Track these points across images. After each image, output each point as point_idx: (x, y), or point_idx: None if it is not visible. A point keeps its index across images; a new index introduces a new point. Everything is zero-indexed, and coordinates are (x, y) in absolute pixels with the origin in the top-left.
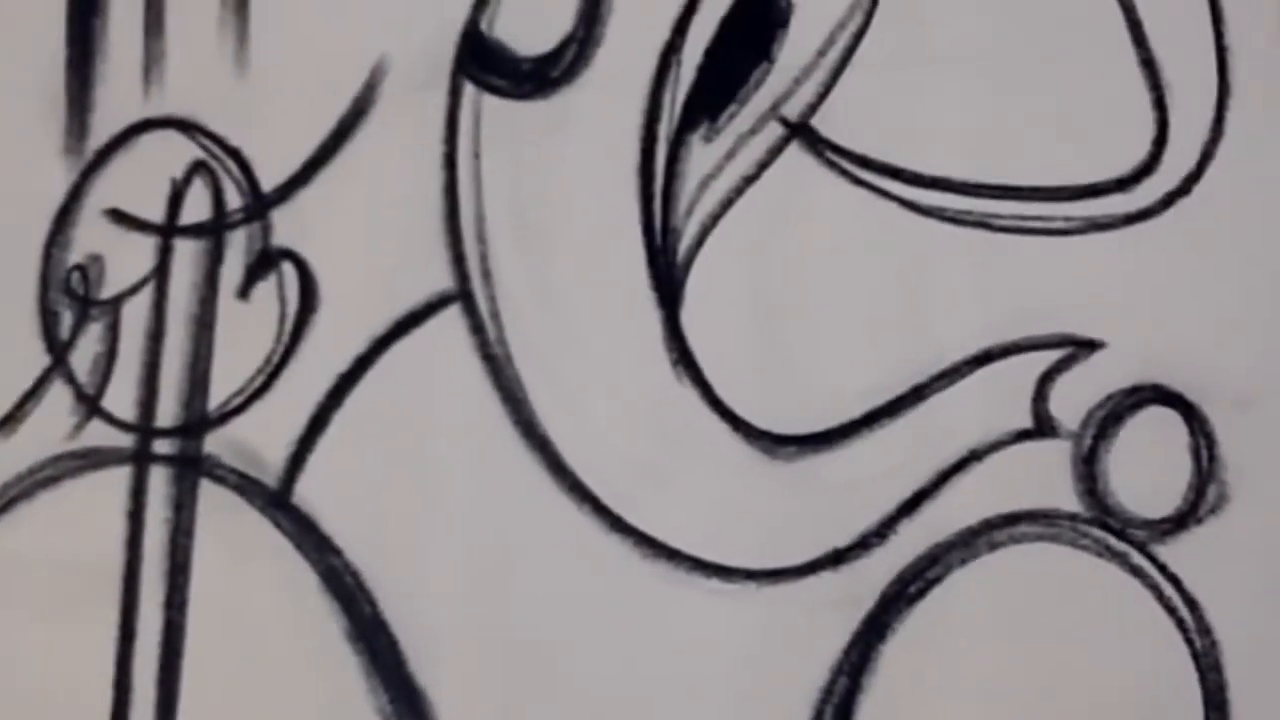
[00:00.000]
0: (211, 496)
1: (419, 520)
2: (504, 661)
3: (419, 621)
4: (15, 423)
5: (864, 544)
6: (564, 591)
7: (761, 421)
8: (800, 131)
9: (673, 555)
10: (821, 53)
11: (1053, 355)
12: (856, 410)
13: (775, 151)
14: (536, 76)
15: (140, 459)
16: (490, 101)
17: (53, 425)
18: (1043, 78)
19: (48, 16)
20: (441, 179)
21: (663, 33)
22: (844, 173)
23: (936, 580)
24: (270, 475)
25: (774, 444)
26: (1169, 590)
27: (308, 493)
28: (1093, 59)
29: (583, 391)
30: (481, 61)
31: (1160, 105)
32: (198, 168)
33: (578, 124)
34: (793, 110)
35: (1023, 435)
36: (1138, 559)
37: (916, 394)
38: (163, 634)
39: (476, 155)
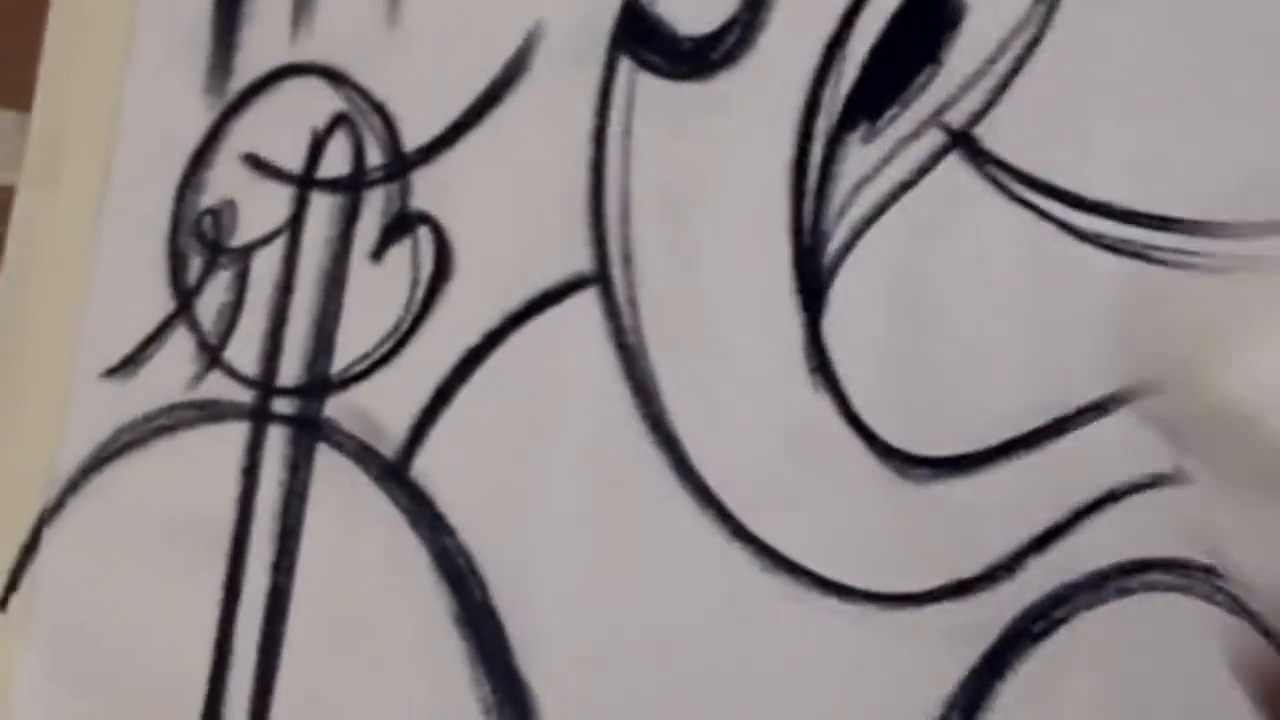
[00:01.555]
0: (328, 461)
1: (537, 506)
2: (611, 659)
3: (528, 611)
4: (136, 366)
5: (990, 576)
6: (678, 594)
7: (896, 439)
8: (962, 141)
9: (792, 569)
10: (992, 60)
11: None
12: (995, 437)
13: (935, 159)
14: (695, 57)
15: (259, 416)
16: (646, 79)
17: (173, 372)
18: (1221, 106)
19: None
20: (589, 155)
21: (829, 24)
22: (1003, 188)
23: (1061, 621)
24: (389, 446)
25: (907, 464)
26: None
27: (426, 467)
28: (1276, 90)
29: (715, 390)
30: (640, 37)
31: None
32: (340, 119)
33: (734, 111)
34: (956, 118)
35: (1162, 480)
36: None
37: (1058, 426)
38: (268, 597)
39: (627, 133)
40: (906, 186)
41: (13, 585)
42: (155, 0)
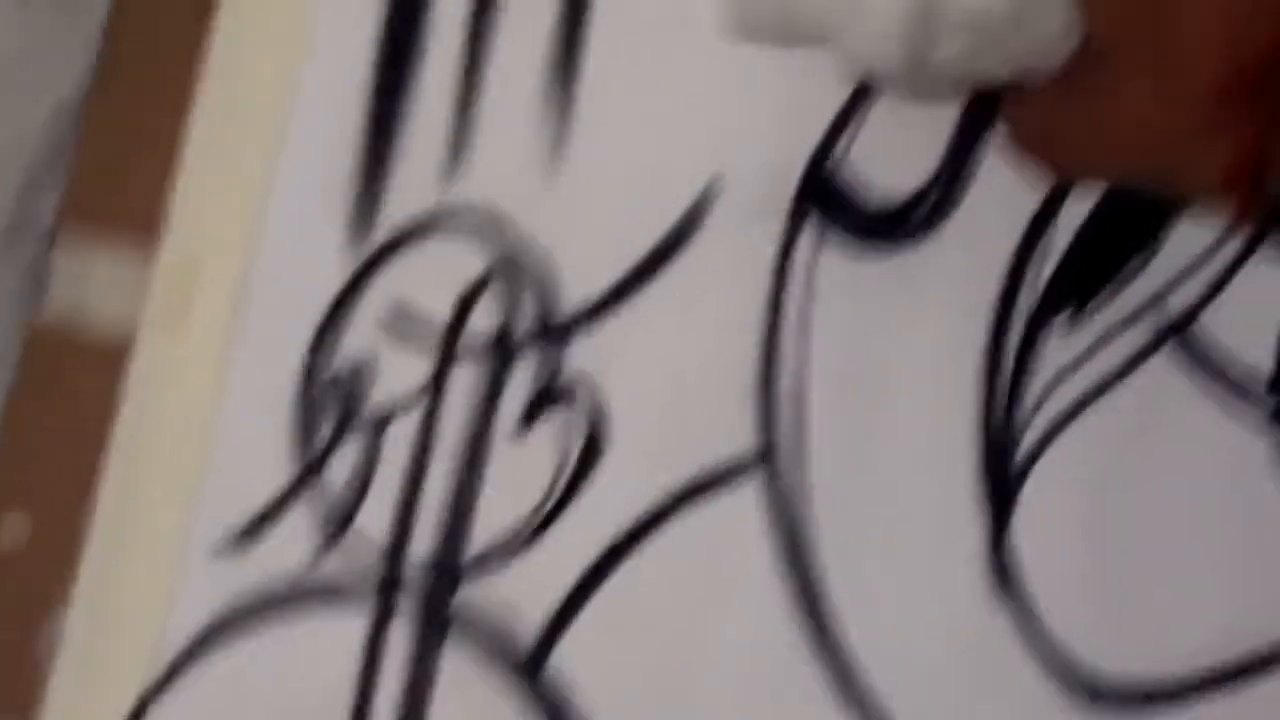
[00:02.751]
0: (456, 654)
1: (685, 717)
2: None
3: None
4: (253, 538)
5: None
6: None
7: (1082, 665)
8: (1177, 336)
9: None
10: (1217, 246)
11: None
12: (1194, 669)
13: (1145, 354)
14: (887, 225)
15: (384, 600)
16: (830, 246)
17: (294, 547)
18: None
19: (352, 74)
20: (764, 327)
21: (1036, 195)
22: (1218, 394)
23: None
24: (524, 641)
25: (1094, 694)
26: None
27: (563, 667)
28: None
29: (886, 595)
30: (827, 199)
31: None
32: (493, 273)
33: (925, 286)
34: (1172, 309)
35: None
36: None
37: (1264, 663)
38: None
39: (806, 305)
40: (1111, 382)
41: None
42: (301, 131)
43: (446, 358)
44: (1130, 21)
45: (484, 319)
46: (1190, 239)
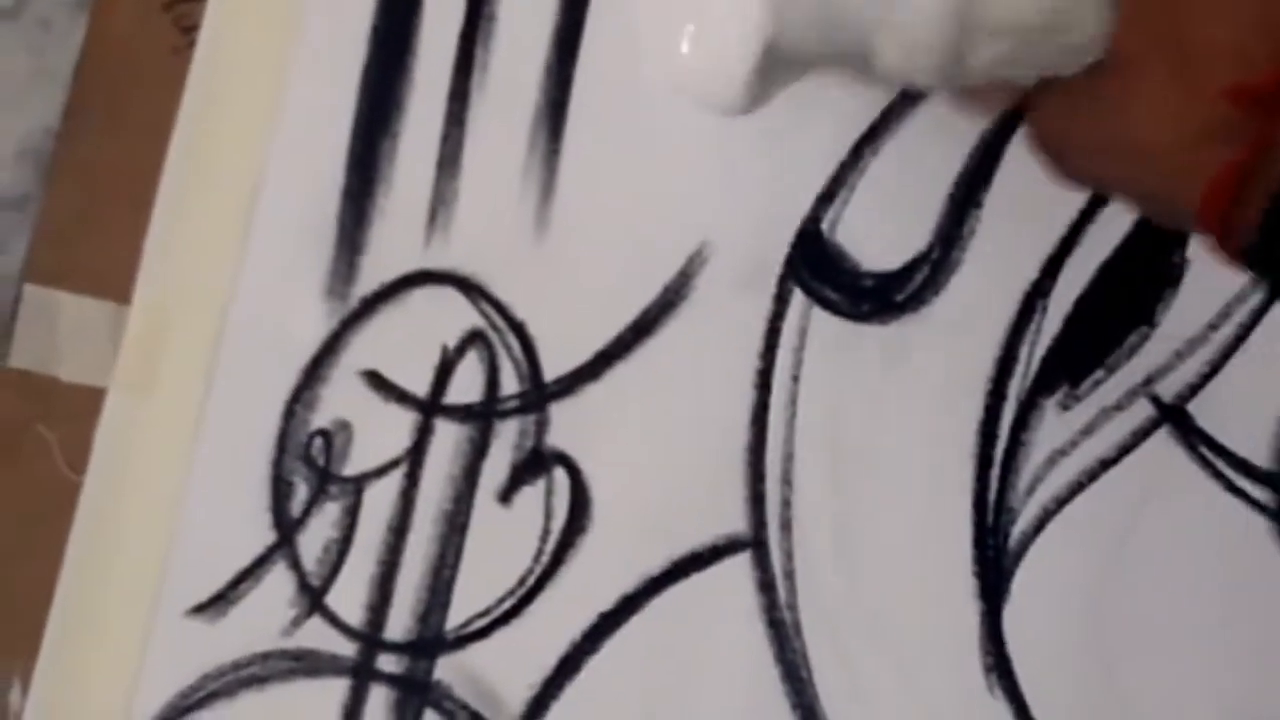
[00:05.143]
0: None
1: None
2: None
3: None
4: (226, 604)
5: None
6: None
7: None
8: (1173, 416)
9: None
10: (1213, 326)
11: None
12: None
13: (1141, 435)
14: (878, 296)
15: (361, 673)
16: (820, 317)
17: (268, 615)
18: None
19: (330, 131)
20: (751, 400)
21: (1030, 269)
22: (1218, 475)
23: None
24: (506, 717)
25: None
26: None
27: None
28: None
29: (876, 682)
30: (816, 268)
31: None
32: (474, 338)
33: (917, 361)
34: (1168, 389)
35: None
36: None
37: None
38: None
39: (795, 378)
40: (1106, 464)
41: None
42: (276, 189)
43: (427, 423)
44: (1148, 32)
45: (465, 385)
46: (1186, 320)
